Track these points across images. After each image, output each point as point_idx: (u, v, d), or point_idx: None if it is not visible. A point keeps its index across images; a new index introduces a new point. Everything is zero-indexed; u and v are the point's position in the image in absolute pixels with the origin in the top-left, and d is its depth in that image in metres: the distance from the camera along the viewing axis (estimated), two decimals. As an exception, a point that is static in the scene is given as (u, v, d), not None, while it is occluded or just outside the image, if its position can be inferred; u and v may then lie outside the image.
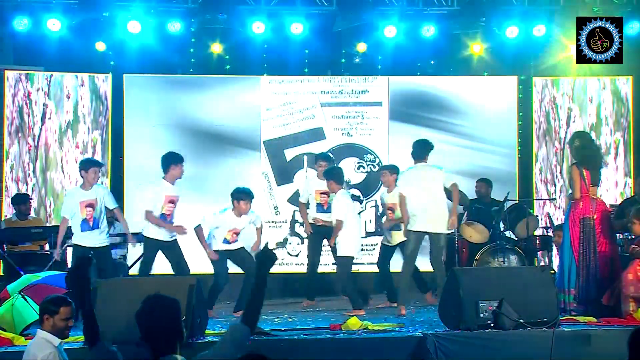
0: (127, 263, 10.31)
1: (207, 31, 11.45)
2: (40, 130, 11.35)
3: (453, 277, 7.39)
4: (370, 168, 11.64)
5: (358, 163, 11.79)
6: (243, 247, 9.18)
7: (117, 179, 11.51)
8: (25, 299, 7.43)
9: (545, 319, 7.15)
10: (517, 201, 11.11)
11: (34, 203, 11.05)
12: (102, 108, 11.58)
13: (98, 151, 11.51)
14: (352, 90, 11.81)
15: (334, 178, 9.28)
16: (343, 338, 7.18)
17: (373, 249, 11.28)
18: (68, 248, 9.54)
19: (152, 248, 8.97)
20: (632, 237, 8.27)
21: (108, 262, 8.91)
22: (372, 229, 11.59)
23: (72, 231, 8.86)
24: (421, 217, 8.85)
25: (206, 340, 6.97)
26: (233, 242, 9.14)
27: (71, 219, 8.81)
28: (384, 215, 9.96)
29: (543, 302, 7.27)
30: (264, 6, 11.52)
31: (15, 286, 7.69)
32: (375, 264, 10.27)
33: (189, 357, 4.05)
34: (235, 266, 9.27)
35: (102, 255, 8.72)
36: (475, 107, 11.92)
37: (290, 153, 11.71)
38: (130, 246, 10.34)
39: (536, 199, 11.78)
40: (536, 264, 10.49)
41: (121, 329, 6.45)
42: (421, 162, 9.04)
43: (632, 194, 10.85)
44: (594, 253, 8.18)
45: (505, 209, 10.49)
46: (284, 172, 11.68)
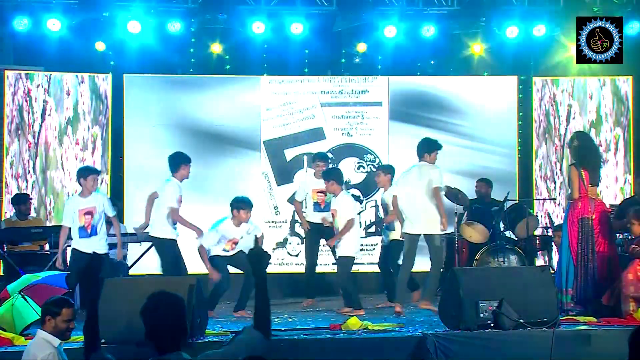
0: (127, 263, 10.31)
1: (207, 31, 11.45)
2: (40, 127, 11.33)
3: (453, 277, 7.39)
4: (370, 168, 11.63)
5: (358, 163, 11.79)
6: (241, 250, 9.14)
7: (117, 179, 11.51)
8: (25, 299, 7.43)
9: (545, 319, 7.16)
10: (517, 201, 11.11)
11: (34, 202, 11.05)
12: (102, 107, 11.58)
13: (98, 147, 11.50)
14: (352, 90, 11.81)
15: (335, 179, 9.25)
16: (343, 338, 7.18)
17: (373, 249, 11.29)
18: (68, 248, 9.54)
19: (173, 247, 8.89)
20: (632, 237, 8.27)
21: (105, 269, 8.87)
22: (372, 230, 11.59)
23: (72, 235, 8.84)
24: (415, 219, 8.83)
25: (206, 340, 6.98)
26: (232, 251, 9.13)
27: (71, 226, 8.79)
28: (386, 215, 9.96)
29: (543, 302, 7.27)
30: (264, 6, 11.52)
31: (15, 286, 7.69)
32: (375, 264, 10.28)
33: (191, 356, 4.04)
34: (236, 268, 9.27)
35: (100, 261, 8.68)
36: (475, 107, 11.92)
37: (290, 153, 11.71)
38: (130, 246, 10.35)
39: (536, 199, 11.78)
40: (536, 264, 10.49)
41: (121, 329, 6.46)
42: (421, 161, 9.02)
43: (632, 194, 10.86)
44: (592, 253, 8.17)
45: (505, 209, 10.49)
46: (284, 172, 11.68)
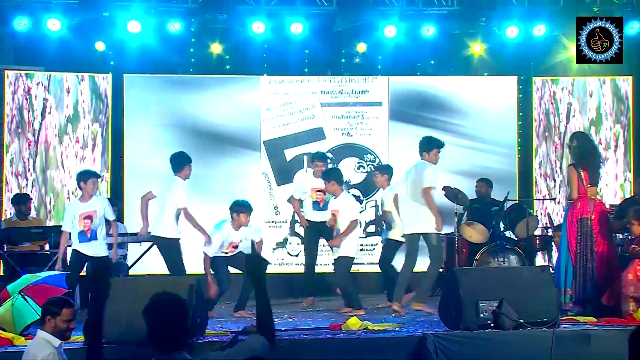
0: (127, 263, 10.31)
1: (207, 31, 11.45)
2: (40, 125, 11.32)
3: (453, 277, 7.39)
4: (370, 168, 11.63)
5: (358, 163, 11.79)
6: (241, 251, 9.14)
7: (117, 179, 11.51)
8: (25, 299, 7.43)
9: (545, 319, 7.16)
10: (517, 201, 11.11)
11: (34, 201, 11.03)
12: (102, 106, 11.57)
13: (98, 143, 11.49)
14: (352, 90, 11.81)
15: (336, 179, 9.26)
16: (343, 338, 7.18)
17: (373, 249, 11.29)
18: (68, 248, 9.54)
19: (179, 247, 8.90)
20: (632, 237, 8.27)
21: (111, 274, 8.87)
22: (372, 229, 11.59)
23: (71, 238, 8.82)
24: (409, 219, 8.86)
25: (206, 340, 6.98)
26: (231, 253, 9.13)
27: (70, 231, 8.76)
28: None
29: (543, 302, 7.28)
30: (264, 6, 11.52)
31: (15, 286, 7.69)
32: (376, 264, 10.27)
33: (192, 357, 4.04)
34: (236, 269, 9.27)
35: (99, 264, 8.68)
36: (475, 107, 11.92)
37: (290, 153, 11.70)
38: (130, 246, 10.35)
39: (536, 199, 11.78)
40: (536, 264, 10.49)
41: (122, 329, 6.46)
42: (420, 160, 9.02)
43: (632, 194, 10.85)
44: (591, 253, 8.17)
45: (505, 209, 10.49)
46: (284, 172, 11.67)
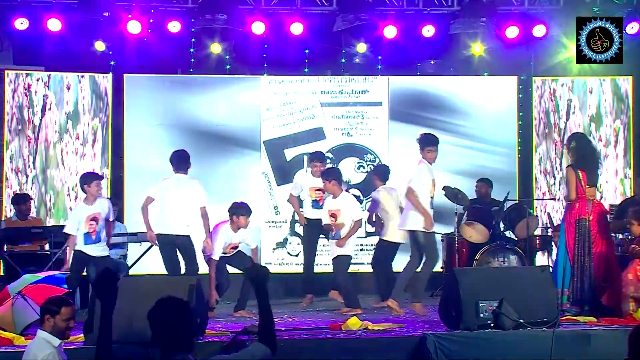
0: (127, 263, 10.31)
1: (207, 31, 11.44)
2: (40, 121, 11.30)
3: (453, 277, 7.39)
4: (370, 168, 11.61)
5: (358, 163, 11.79)
6: (240, 250, 9.14)
7: (117, 179, 11.50)
8: (25, 299, 7.44)
9: (545, 319, 7.16)
10: (517, 201, 11.10)
11: (34, 199, 11.01)
12: (102, 105, 11.56)
13: (99, 138, 11.47)
14: (352, 90, 11.81)
15: (337, 179, 9.28)
16: (343, 338, 7.18)
17: (373, 249, 11.27)
18: (68, 248, 9.53)
19: (193, 243, 8.95)
20: (632, 237, 8.27)
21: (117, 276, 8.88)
22: (373, 229, 11.57)
23: (76, 240, 8.81)
24: (409, 216, 8.91)
25: (206, 340, 6.97)
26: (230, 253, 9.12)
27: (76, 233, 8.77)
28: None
29: (543, 302, 7.28)
30: (264, 6, 11.52)
31: (15, 286, 7.69)
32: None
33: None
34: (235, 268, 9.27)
35: (102, 264, 8.68)
36: (475, 107, 11.92)
37: (290, 153, 11.70)
38: (130, 246, 10.35)
39: (536, 199, 11.78)
40: (536, 264, 10.48)
41: (122, 329, 6.44)
42: (419, 159, 9.03)
43: (632, 194, 10.85)
44: (589, 254, 8.17)
45: (505, 209, 10.49)
46: (284, 172, 11.67)
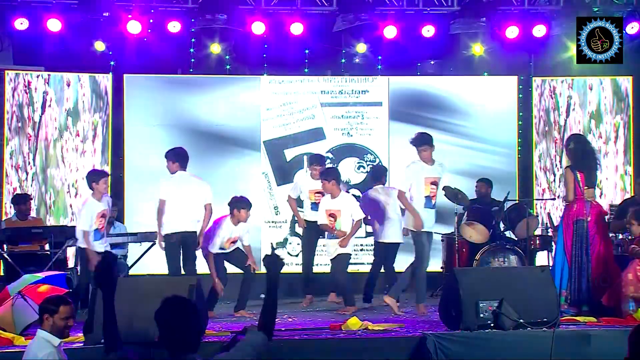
0: (127, 263, 10.31)
1: (207, 31, 11.43)
2: (40, 118, 11.28)
3: (453, 277, 7.39)
4: (370, 168, 11.62)
5: (358, 163, 11.79)
6: (238, 248, 9.15)
7: (117, 179, 11.49)
8: (25, 299, 7.44)
9: (545, 319, 7.17)
10: (517, 201, 11.11)
11: (34, 197, 11.01)
12: (102, 105, 11.56)
13: (99, 134, 11.47)
14: (352, 90, 11.81)
15: (336, 179, 9.30)
16: (343, 338, 7.19)
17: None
18: (68, 248, 9.54)
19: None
20: (632, 237, 8.27)
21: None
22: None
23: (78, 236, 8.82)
24: (407, 216, 8.96)
25: (206, 340, 6.97)
26: (229, 249, 9.13)
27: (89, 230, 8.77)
28: None
29: (543, 302, 7.29)
30: (264, 6, 11.52)
31: (15, 286, 7.70)
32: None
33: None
34: (234, 266, 9.26)
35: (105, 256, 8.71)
36: (475, 107, 11.92)
37: (290, 153, 11.70)
38: (130, 246, 10.35)
39: (536, 199, 11.78)
40: (536, 264, 10.48)
41: (122, 329, 6.43)
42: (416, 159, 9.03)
43: (632, 194, 10.85)
44: (587, 255, 8.18)
45: (505, 209, 10.49)
46: (284, 172, 11.67)
